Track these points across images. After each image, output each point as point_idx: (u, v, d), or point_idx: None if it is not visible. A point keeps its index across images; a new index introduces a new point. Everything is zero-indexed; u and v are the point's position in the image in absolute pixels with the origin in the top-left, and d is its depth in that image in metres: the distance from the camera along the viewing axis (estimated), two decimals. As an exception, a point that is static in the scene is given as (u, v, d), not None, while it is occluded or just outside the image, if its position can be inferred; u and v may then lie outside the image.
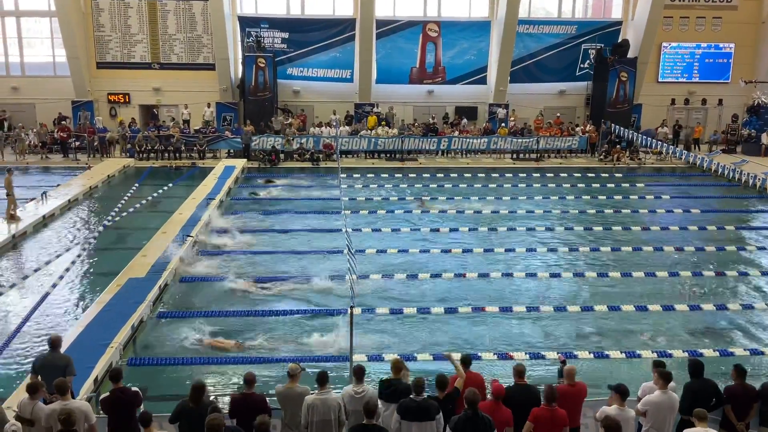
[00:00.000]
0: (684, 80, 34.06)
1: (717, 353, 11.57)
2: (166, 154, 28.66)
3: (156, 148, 28.58)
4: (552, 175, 26.56)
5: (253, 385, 7.70)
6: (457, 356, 8.31)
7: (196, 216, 19.37)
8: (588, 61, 33.04)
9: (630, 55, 31.86)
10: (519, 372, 7.92)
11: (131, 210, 20.59)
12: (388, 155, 29.69)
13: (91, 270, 15.81)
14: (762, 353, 11.75)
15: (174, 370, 11.03)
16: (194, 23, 31.18)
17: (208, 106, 30.58)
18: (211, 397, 8.64)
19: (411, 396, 7.24)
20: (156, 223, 18.69)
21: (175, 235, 17.39)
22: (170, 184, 24.17)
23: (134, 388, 7.85)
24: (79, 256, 16.48)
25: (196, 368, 11.06)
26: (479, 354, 11.10)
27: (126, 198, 21.85)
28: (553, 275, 15.51)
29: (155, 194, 22.61)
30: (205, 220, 18.90)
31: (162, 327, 12.60)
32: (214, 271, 15.58)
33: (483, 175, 26.42)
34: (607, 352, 11.67)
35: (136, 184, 24.18)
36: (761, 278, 15.69)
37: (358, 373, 7.80)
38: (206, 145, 28.92)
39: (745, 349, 11.86)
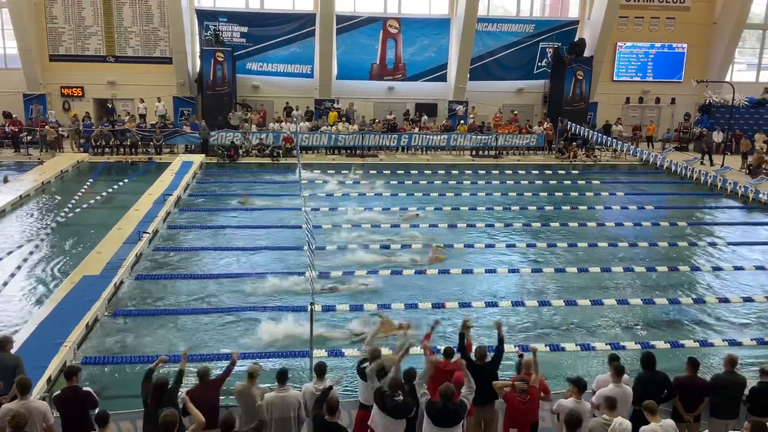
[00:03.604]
0: (638, 79, 34.78)
1: (668, 345, 11.89)
2: (122, 149, 28.12)
3: (111, 143, 28.03)
4: (510, 171, 26.87)
5: (207, 380, 7.66)
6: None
7: (153, 212, 19.06)
8: (545, 60, 33.48)
9: (586, 54, 32.38)
10: (480, 355, 8.31)
11: (85, 206, 20.16)
12: (349, 151, 29.67)
13: (44, 267, 15.42)
14: (712, 344, 12.11)
15: (132, 368, 10.86)
16: (150, 16, 30.61)
17: (159, 100, 30.10)
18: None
19: (389, 393, 7.35)
20: (111, 220, 18.33)
21: (130, 232, 17.08)
22: (126, 180, 23.76)
23: (86, 389, 7.71)
24: (31, 253, 16.09)
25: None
26: (439, 348, 11.17)
27: (80, 194, 21.37)
28: (512, 270, 15.72)
29: (110, 190, 22.20)
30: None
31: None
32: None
33: (443, 171, 26.59)
34: (563, 345, 11.89)
35: (91, 180, 23.66)
36: (712, 273, 16.18)
37: (320, 371, 7.82)
38: (163, 140, 28.47)
39: (695, 341, 12.22)
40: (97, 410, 7.65)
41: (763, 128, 32.55)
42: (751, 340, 12.36)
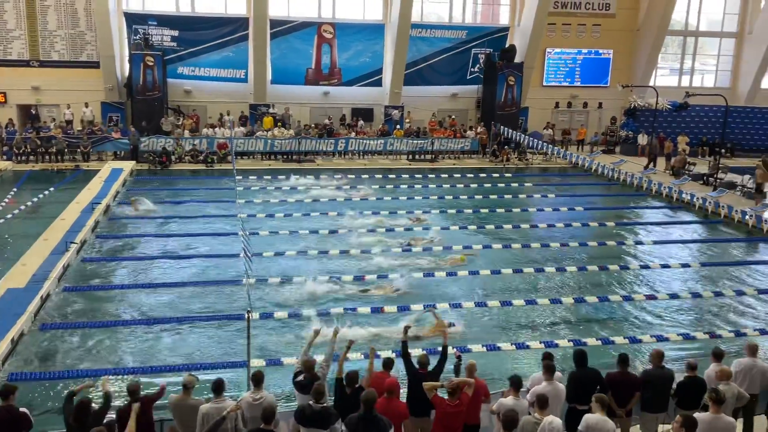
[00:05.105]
0: (567, 84, 35.84)
1: (600, 342, 12.24)
2: (47, 157, 27.10)
3: (36, 150, 26.97)
4: (446, 175, 27.22)
5: (138, 397, 7.44)
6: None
7: (81, 221, 18.43)
8: (478, 66, 34.08)
9: (517, 60, 33.11)
10: (423, 363, 8.23)
11: (9, 216, 19.38)
12: (285, 156, 29.45)
13: (-36, 281, 14.71)
14: (640, 341, 12.52)
15: (60, 384, 10.45)
16: (77, 19, 29.65)
17: (86, 105, 29.19)
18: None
19: (311, 402, 7.21)
20: (36, 230, 17.63)
21: (57, 242, 16.46)
22: (52, 188, 22.94)
23: (22, 409, 7.39)
24: (-50, 266, 15.31)
25: (80, 381, 10.54)
26: (379, 354, 11.18)
27: (3, 204, 20.55)
28: (449, 274, 15.86)
29: (35, 199, 21.41)
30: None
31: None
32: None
33: (380, 176, 26.70)
34: (498, 345, 12.07)
35: (15, 189, 22.77)
36: (639, 271, 16.73)
37: (257, 379, 7.71)
38: (91, 147, 27.57)
39: (625, 338, 12.61)
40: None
41: (685, 131, 34.03)
42: (678, 335, 12.84)
